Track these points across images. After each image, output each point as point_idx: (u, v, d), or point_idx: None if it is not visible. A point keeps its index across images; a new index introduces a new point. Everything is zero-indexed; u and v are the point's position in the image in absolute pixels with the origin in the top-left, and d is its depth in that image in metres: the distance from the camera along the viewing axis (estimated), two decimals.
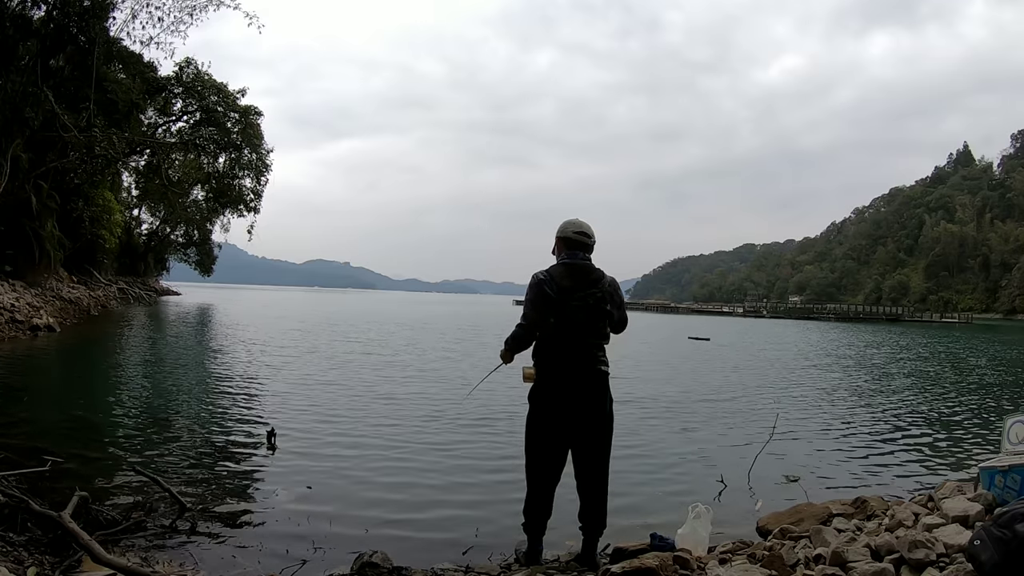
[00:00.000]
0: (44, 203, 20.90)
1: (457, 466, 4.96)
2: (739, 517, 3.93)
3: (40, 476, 3.66)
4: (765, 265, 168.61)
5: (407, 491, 4.28)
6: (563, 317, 2.89)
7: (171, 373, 9.97)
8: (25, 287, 18.12)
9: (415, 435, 5.95)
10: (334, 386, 8.72)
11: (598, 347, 2.98)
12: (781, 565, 2.58)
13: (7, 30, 17.87)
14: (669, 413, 7.66)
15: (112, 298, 28.37)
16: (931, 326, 50.54)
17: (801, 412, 8.05)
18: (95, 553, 2.58)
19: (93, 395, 7.74)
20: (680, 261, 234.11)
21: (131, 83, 23.47)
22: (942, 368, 15.05)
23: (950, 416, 8.14)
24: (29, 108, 18.51)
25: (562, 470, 3.02)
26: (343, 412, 6.89)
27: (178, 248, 46.78)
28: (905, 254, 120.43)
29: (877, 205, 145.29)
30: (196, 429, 5.95)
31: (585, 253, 3.02)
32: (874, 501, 3.56)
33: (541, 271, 2.99)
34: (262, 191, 33.88)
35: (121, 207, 34.28)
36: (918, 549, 2.41)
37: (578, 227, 3.03)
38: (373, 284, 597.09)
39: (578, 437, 2.97)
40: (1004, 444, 3.30)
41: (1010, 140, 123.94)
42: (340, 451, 5.23)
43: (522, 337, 3.01)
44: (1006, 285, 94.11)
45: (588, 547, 3.07)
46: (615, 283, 3.03)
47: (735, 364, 14.64)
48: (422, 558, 3.16)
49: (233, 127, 30.97)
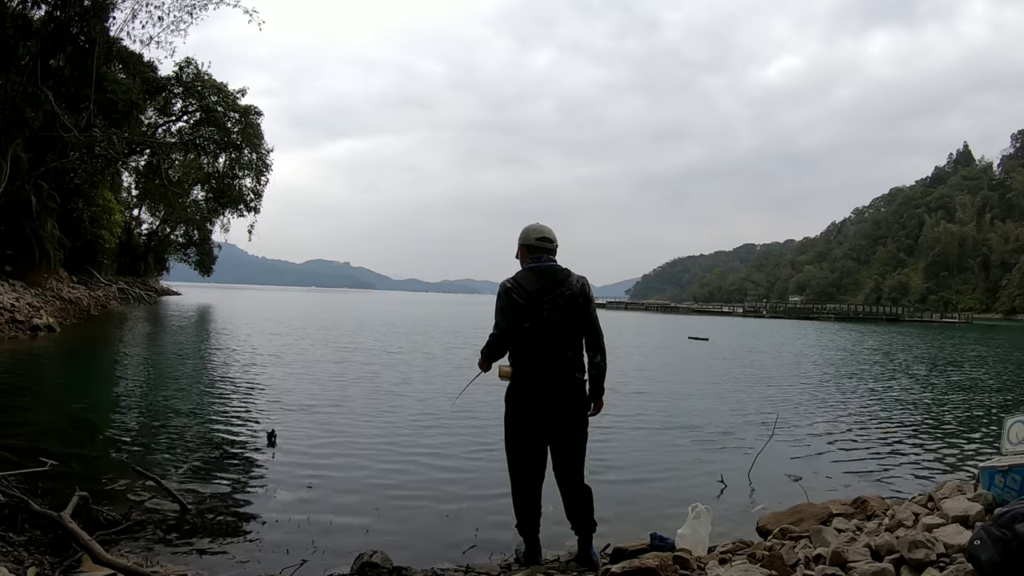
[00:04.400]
0: (44, 203, 20.90)
1: (457, 466, 4.96)
2: (739, 517, 3.93)
3: (40, 476, 3.65)
4: (765, 265, 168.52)
5: (407, 491, 4.28)
6: (536, 321, 2.90)
7: (171, 373, 9.97)
8: (25, 287, 18.13)
9: (415, 435, 5.95)
10: (334, 386, 8.72)
11: (575, 351, 2.97)
12: (781, 565, 2.58)
13: (7, 30, 17.88)
14: (669, 413, 7.66)
15: (112, 298, 28.36)
16: (931, 326, 50.49)
17: (801, 412, 8.05)
18: (95, 553, 2.58)
19: (93, 395, 7.74)
20: (680, 261, 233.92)
21: (131, 83, 23.49)
22: (942, 368, 15.04)
23: (950, 416, 8.14)
24: (29, 108, 18.52)
25: (544, 468, 3.03)
26: (343, 413, 6.89)
27: (178, 248, 46.73)
28: (905, 254, 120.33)
29: (877, 205, 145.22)
30: (196, 429, 5.95)
31: (549, 256, 3.03)
32: (874, 501, 3.56)
33: (508, 279, 3.00)
34: (262, 191, 33.94)
35: (121, 207, 34.32)
36: (918, 549, 2.41)
37: (539, 232, 3.05)
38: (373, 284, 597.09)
39: (554, 435, 2.98)
40: (1004, 444, 3.29)
41: (1010, 140, 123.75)
42: (340, 451, 5.23)
43: (496, 346, 3.02)
44: (1006, 285, 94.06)
45: (583, 546, 3.08)
46: (584, 280, 3.02)
47: (735, 364, 14.64)
48: (422, 558, 3.16)
49: (233, 127, 30.99)
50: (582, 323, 2.97)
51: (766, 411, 7.81)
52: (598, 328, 3.02)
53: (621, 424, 6.67)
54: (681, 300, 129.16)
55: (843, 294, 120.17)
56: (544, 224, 3.11)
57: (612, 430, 6.22)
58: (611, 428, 6.26)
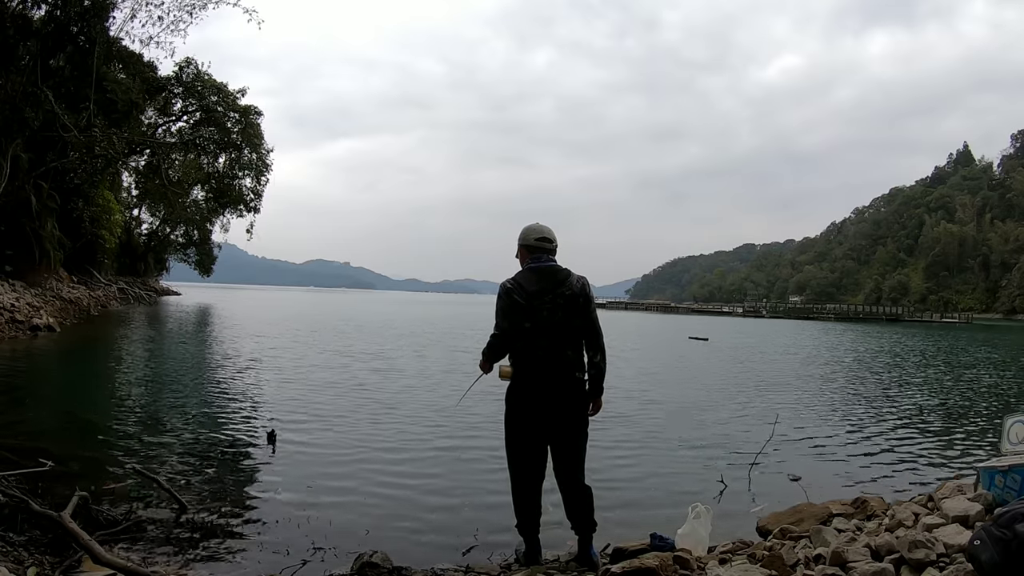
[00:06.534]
0: (44, 203, 20.91)
1: (457, 467, 4.96)
2: (739, 517, 3.93)
3: (40, 476, 3.66)
4: (765, 265, 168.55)
5: (407, 491, 4.28)
6: (537, 321, 2.90)
7: (171, 373, 9.97)
8: (25, 287, 18.13)
9: (415, 436, 5.95)
10: (334, 387, 8.72)
11: (575, 351, 2.97)
12: (781, 565, 2.58)
13: (7, 30, 17.88)
14: (669, 413, 7.66)
15: (112, 298, 28.37)
16: (931, 326, 50.49)
17: (801, 412, 8.05)
18: (95, 553, 2.58)
19: (93, 395, 7.74)
20: (680, 261, 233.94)
21: (131, 83, 23.50)
22: (942, 368, 15.04)
23: (950, 416, 8.14)
24: (29, 108, 18.53)
25: (544, 468, 3.03)
26: (343, 413, 6.89)
27: (178, 248, 46.75)
28: (905, 254, 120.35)
29: (877, 205, 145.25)
30: (196, 429, 5.94)
31: (549, 256, 3.03)
32: (874, 501, 3.57)
33: (508, 279, 3.00)
34: (262, 191, 33.99)
35: (121, 207, 34.32)
36: (918, 549, 2.41)
37: (539, 232, 3.05)
38: (373, 284, 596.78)
39: (554, 435, 2.98)
40: (1004, 444, 3.29)
41: (1010, 140, 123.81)
42: (340, 451, 5.23)
43: (497, 347, 3.02)
44: (1006, 285, 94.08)
45: (583, 546, 3.08)
46: (584, 280, 3.02)
47: (734, 364, 14.64)
48: (422, 558, 3.16)
49: (233, 127, 31.01)
50: (582, 323, 2.97)
51: (766, 411, 7.80)
52: (598, 328, 3.02)
53: (621, 424, 6.67)
54: (681, 300, 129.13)
55: (843, 294, 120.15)
56: (544, 224, 3.11)
57: (612, 430, 6.22)
58: (611, 428, 6.25)
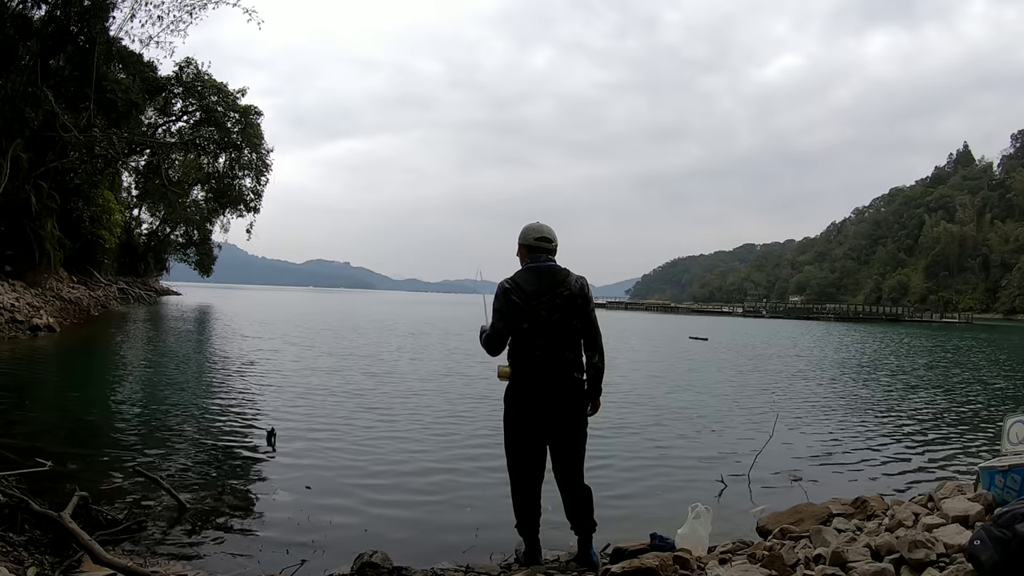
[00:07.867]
0: (44, 203, 20.90)
1: (457, 467, 4.95)
2: (739, 517, 3.93)
3: (40, 476, 3.65)
4: (765, 265, 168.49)
5: (407, 491, 4.28)
6: (534, 321, 2.89)
7: (171, 373, 9.97)
8: (25, 287, 18.12)
9: (415, 436, 5.95)
10: (334, 387, 8.72)
11: (573, 352, 2.96)
12: (781, 565, 2.58)
13: (7, 30, 17.88)
14: (669, 413, 7.66)
15: (112, 298, 28.36)
16: (931, 326, 50.52)
17: (801, 412, 8.05)
18: (95, 553, 2.58)
19: (93, 395, 7.73)
20: (680, 261, 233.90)
21: (131, 83, 23.45)
22: (942, 368, 15.04)
23: (950, 416, 8.14)
24: (29, 108, 18.52)
25: (543, 468, 3.02)
26: (343, 413, 6.88)
27: (178, 248, 46.73)
28: (905, 254, 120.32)
29: (877, 205, 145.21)
30: (196, 429, 5.95)
31: (549, 256, 3.02)
32: (874, 501, 3.56)
33: (507, 279, 2.98)
34: (262, 191, 33.91)
35: (121, 207, 34.26)
36: (918, 549, 2.41)
37: (539, 232, 3.04)
38: (373, 284, 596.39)
39: (553, 436, 2.98)
40: (1004, 444, 3.30)
41: (1010, 140, 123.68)
42: (340, 451, 5.23)
43: (493, 342, 2.97)
44: (1006, 285, 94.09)
45: (583, 546, 3.07)
46: (583, 280, 3.00)
47: (734, 364, 14.64)
48: (422, 558, 3.16)
49: (233, 127, 30.96)
50: (581, 323, 2.97)
51: (766, 411, 7.81)
52: (597, 328, 3.01)
53: (621, 424, 6.67)
54: (681, 300, 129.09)
55: (843, 294, 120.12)
56: (544, 223, 3.11)
57: (612, 430, 6.22)
58: (611, 428, 6.26)
